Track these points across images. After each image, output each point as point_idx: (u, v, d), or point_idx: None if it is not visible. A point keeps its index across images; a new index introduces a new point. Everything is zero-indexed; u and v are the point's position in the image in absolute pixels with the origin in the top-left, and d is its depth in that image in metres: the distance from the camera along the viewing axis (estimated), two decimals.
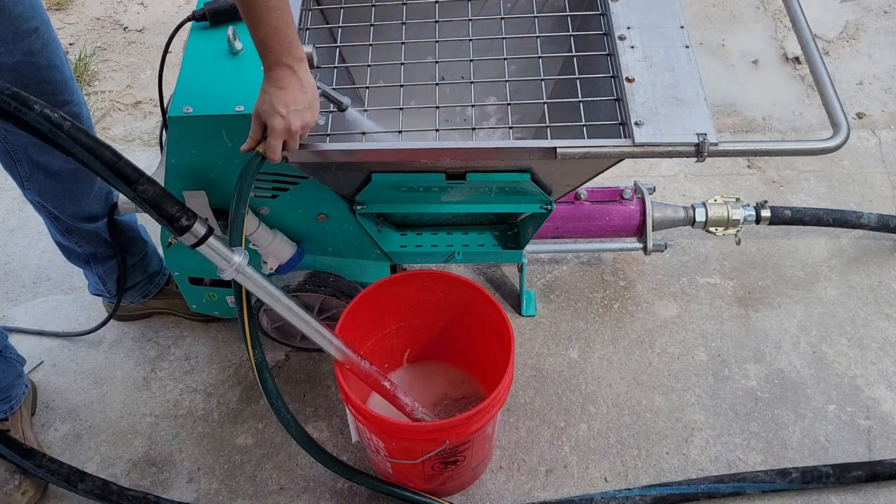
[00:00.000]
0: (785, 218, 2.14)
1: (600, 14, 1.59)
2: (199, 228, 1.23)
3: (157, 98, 1.73)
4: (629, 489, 1.85)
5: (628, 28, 1.53)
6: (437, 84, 1.57)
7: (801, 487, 1.84)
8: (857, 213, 2.22)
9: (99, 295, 2.11)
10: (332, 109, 1.52)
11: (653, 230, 2.04)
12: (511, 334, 1.61)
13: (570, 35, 1.64)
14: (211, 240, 1.25)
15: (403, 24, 1.65)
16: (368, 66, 1.60)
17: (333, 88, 1.51)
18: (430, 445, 1.53)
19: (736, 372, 2.08)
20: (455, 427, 1.51)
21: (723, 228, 2.08)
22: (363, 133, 1.52)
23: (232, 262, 1.30)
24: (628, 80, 1.45)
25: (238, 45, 1.52)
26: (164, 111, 1.53)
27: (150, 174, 1.17)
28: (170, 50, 1.62)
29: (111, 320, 2.09)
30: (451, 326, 1.86)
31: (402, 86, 1.56)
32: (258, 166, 1.34)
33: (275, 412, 1.48)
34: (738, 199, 2.09)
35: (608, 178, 1.98)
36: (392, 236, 1.89)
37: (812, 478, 1.84)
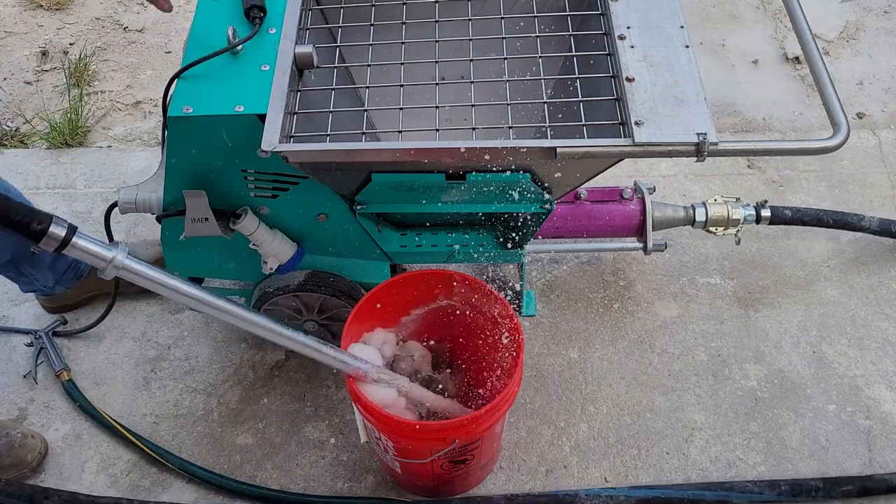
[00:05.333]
0: (785, 218, 2.14)
1: (600, 14, 1.59)
2: (58, 230, 1.10)
3: (158, 98, 1.73)
4: (614, 488, 1.84)
5: (628, 28, 1.53)
6: (437, 84, 1.57)
7: (789, 500, 1.82)
8: (858, 215, 2.21)
9: (32, 291, 2.13)
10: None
11: (653, 230, 2.04)
12: (520, 334, 1.61)
13: (570, 35, 1.64)
14: (76, 240, 1.13)
15: (403, 24, 1.65)
16: (368, 66, 1.60)
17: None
18: (440, 445, 1.53)
19: (736, 372, 2.08)
20: (464, 426, 1.51)
21: (723, 228, 2.08)
22: (363, 133, 1.52)
23: (109, 259, 1.18)
24: (628, 79, 1.45)
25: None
26: (164, 110, 1.53)
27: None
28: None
29: (111, 319, 2.09)
30: (460, 326, 1.86)
31: (402, 86, 1.56)
32: None
33: None
34: (738, 199, 2.09)
35: (608, 178, 1.98)
36: (392, 236, 1.88)
37: (801, 490, 1.82)
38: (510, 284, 2.24)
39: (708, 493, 1.82)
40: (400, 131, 1.50)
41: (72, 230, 1.13)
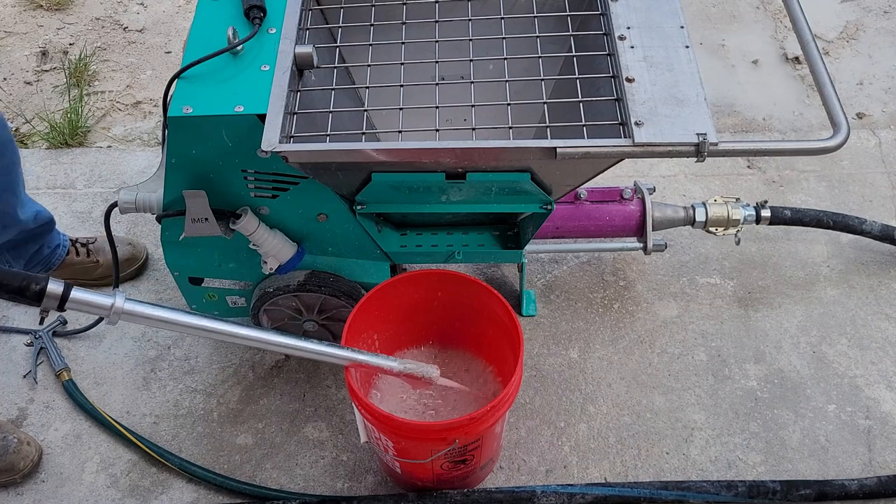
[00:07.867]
0: (785, 218, 2.14)
1: (600, 14, 1.59)
2: (55, 288, 1.13)
3: (158, 98, 1.73)
4: (571, 485, 1.84)
5: (628, 28, 1.53)
6: (437, 84, 1.57)
7: (746, 501, 1.80)
8: (860, 219, 2.20)
9: None
10: None
11: (653, 230, 2.04)
12: (520, 334, 1.61)
13: (570, 35, 1.64)
14: (74, 294, 1.16)
15: (403, 24, 1.65)
16: (368, 66, 1.60)
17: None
18: (440, 445, 1.53)
19: (736, 372, 2.08)
20: (464, 426, 1.51)
21: (723, 228, 2.08)
22: (363, 133, 1.52)
23: (111, 308, 1.21)
24: (628, 80, 1.45)
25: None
26: (164, 110, 1.53)
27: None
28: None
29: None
30: (460, 327, 1.86)
31: (402, 86, 1.56)
32: None
33: None
34: (738, 199, 2.09)
35: (608, 178, 1.98)
36: (392, 236, 1.88)
37: (759, 493, 1.80)
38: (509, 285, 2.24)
39: (664, 493, 1.81)
40: (400, 131, 1.50)
41: (68, 286, 1.17)
